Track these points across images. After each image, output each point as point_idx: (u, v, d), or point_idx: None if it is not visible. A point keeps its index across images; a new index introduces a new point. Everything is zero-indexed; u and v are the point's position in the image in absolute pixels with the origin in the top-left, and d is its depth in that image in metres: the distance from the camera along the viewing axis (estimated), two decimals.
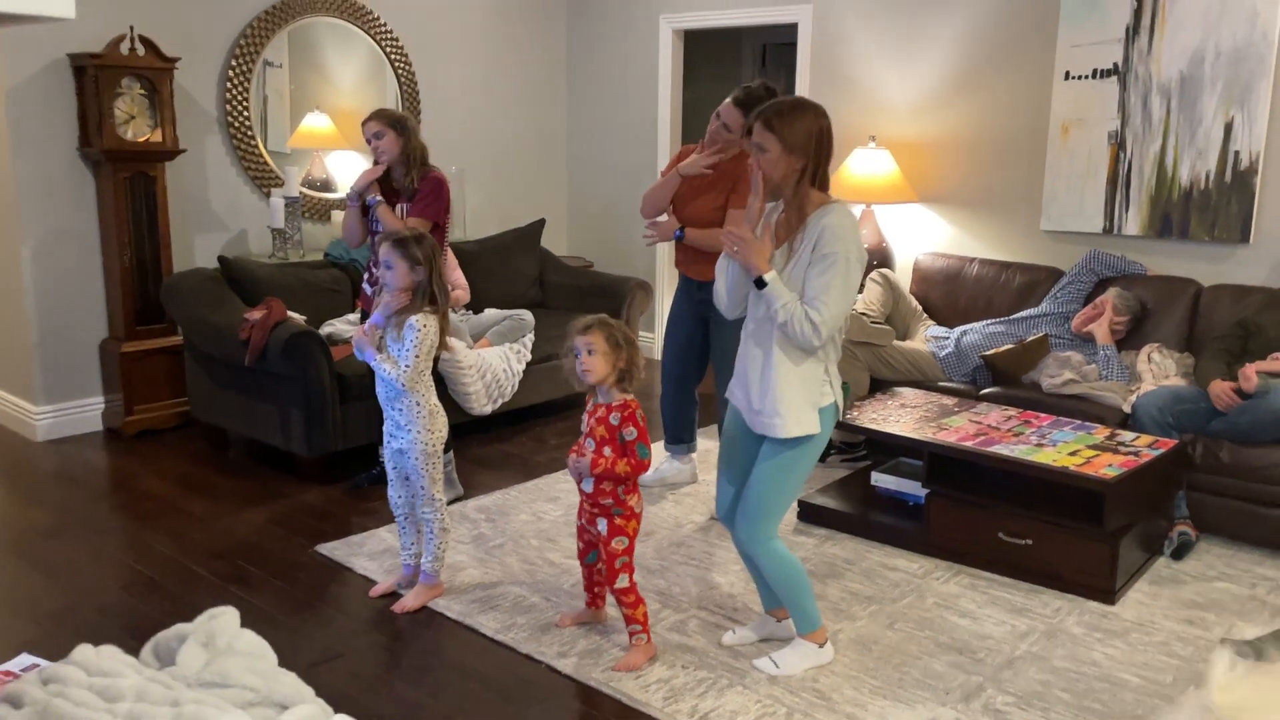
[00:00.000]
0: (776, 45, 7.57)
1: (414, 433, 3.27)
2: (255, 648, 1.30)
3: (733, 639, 3.15)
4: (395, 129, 3.89)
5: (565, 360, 3.04)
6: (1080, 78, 4.91)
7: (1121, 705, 2.84)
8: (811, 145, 2.67)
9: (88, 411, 5.14)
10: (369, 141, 3.94)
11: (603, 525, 3.01)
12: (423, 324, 3.19)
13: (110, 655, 1.24)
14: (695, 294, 4.18)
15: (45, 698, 1.10)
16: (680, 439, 4.43)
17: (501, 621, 3.27)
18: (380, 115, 3.93)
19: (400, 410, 3.27)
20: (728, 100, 3.86)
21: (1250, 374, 3.83)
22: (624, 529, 3.00)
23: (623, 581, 3.00)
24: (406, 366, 3.18)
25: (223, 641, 1.28)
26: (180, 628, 1.34)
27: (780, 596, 2.96)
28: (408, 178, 3.98)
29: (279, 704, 1.25)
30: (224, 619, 1.34)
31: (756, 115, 2.69)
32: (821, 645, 3.00)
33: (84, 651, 1.24)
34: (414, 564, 3.46)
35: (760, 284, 2.70)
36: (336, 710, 1.36)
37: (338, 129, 5.90)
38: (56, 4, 1.20)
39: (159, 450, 4.90)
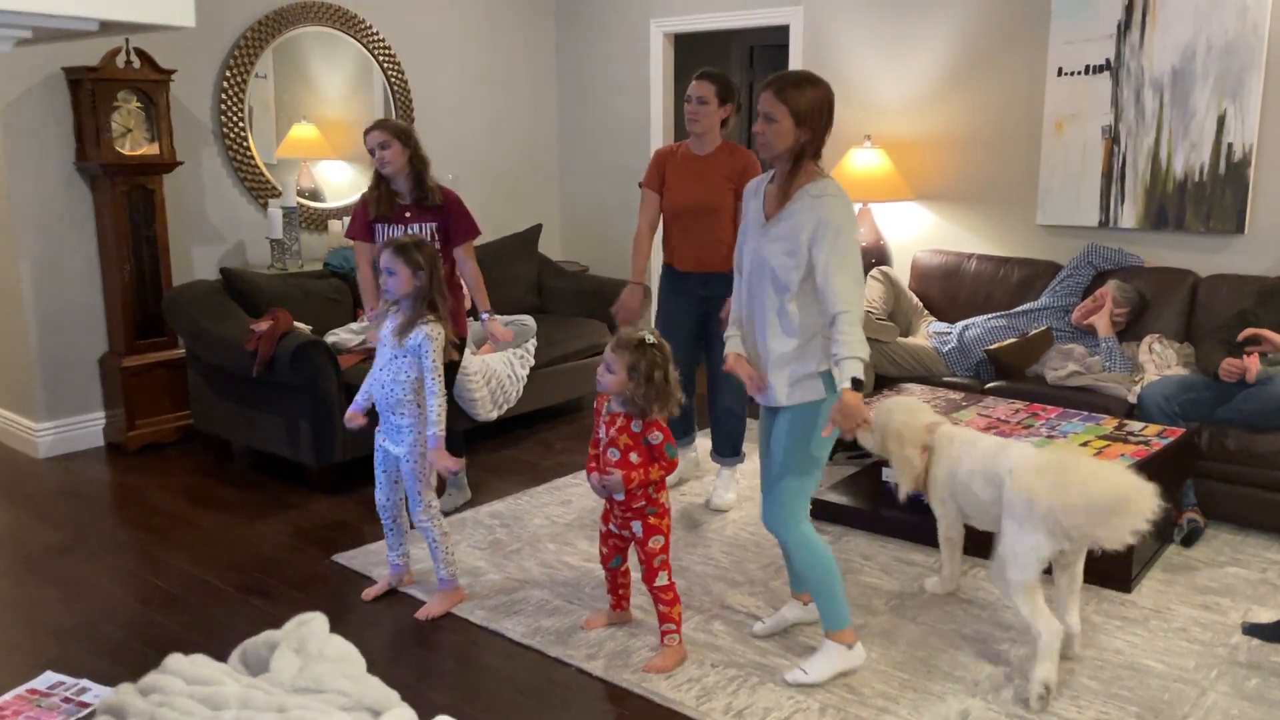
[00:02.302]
0: (764, 47, 7.61)
1: (416, 434, 3.28)
2: (346, 653, 1.31)
3: (763, 628, 3.18)
4: (400, 140, 3.84)
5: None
6: (1073, 73, 4.97)
7: (1148, 691, 2.88)
8: (820, 118, 2.74)
9: (89, 427, 5.10)
10: (372, 152, 3.88)
11: (638, 527, 3.03)
12: (435, 333, 3.22)
13: (204, 663, 1.24)
14: (697, 290, 4.13)
15: (149, 708, 1.10)
16: (686, 431, 4.41)
17: (527, 625, 3.27)
18: (385, 126, 3.87)
19: (403, 415, 3.28)
20: (694, 79, 4.03)
21: (1253, 365, 3.87)
22: (659, 527, 3.02)
23: (662, 579, 3.03)
24: (436, 378, 3.20)
25: (314, 647, 1.29)
26: (269, 634, 1.34)
27: (807, 586, 2.97)
28: (417, 190, 3.91)
29: (370, 708, 1.26)
30: (314, 624, 1.34)
31: (766, 85, 2.76)
32: (850, 646, 2.95)
33: (178, 661, 1.24)
34: (401, 564, 3.51)
35: (858, 386, 2.69)
36: None
37: (325, 138, 5.88)
38: (178, 13, 1.20)
39: (163, 464, 4.87)
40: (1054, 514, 2.72)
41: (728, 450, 4.27)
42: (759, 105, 2.76)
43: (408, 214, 3.94)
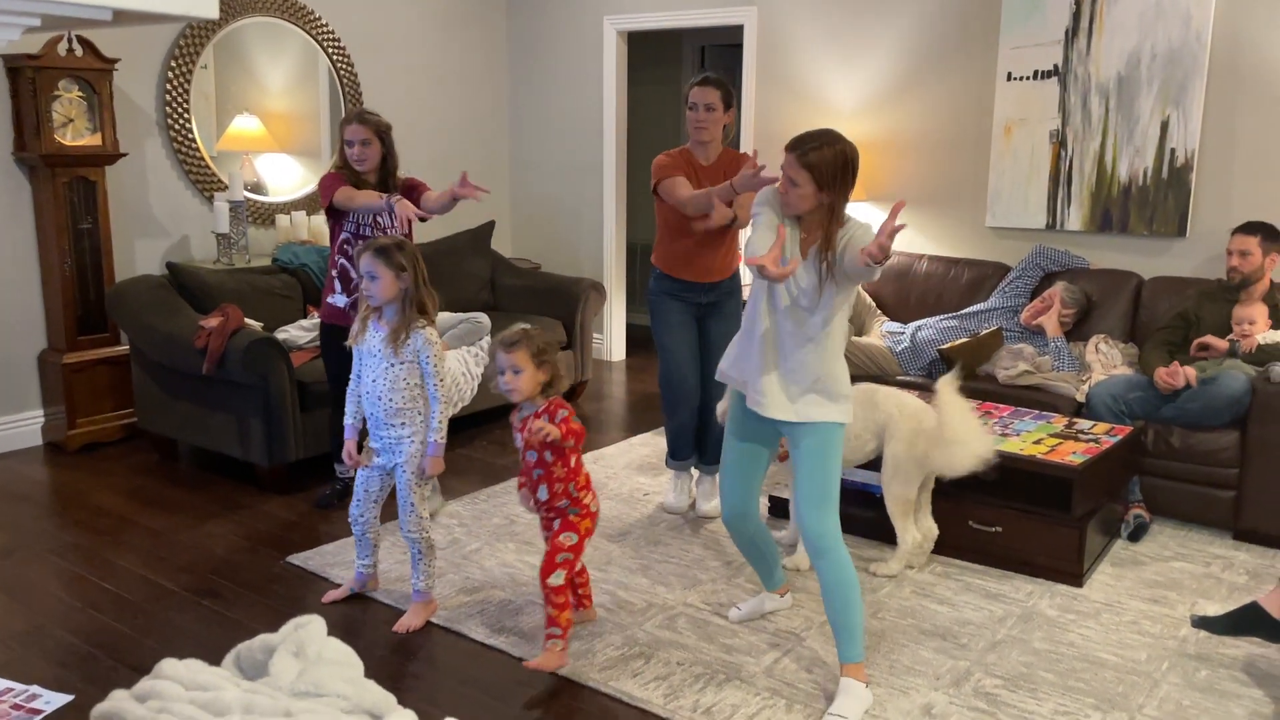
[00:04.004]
0: (715, 46, 7.64)
1: (415, 445, 3.20)
2: (344, 656, 1.29)
3: (739, 615, 3.29)
4: (380, 139, 3.79)
5: (492, 376, 3.03)
6: (1022, 79, 5.07)
7: (1103, 683, 2.95)
8: (843, 179, 2.71)
9: (26, 426, 4.95)
10: (350, 144, 3.80)
11: (557, 524, 3.01)
12: (433, 337, 3.16)
13: (199, 668, 1.21)
14: (699, 297, 4.01)
15: (149, 714, 1.06)
16: (692, 452, 4.26)
17: (490, 626, 3.24)
18: (367, 122, 3.80)
19: (403, 425, 3.18)
20: (696, 85, 3.88)
21: (1191, 373, 3.98)
22: (575, 525, 2.99)
23: (557, 578, 2.94)
24: (440, 381, 3.15)
25: (313, 650, 1.26)
26: (266, 638, 1.31)
27: (830, 610, 2.82)
28: (380, 187, 3.87)
29: (370, 711, 1.24)
30: (311, 628, 1.32)
31: (790, 146, 2.72)
32: (865, 685, 2.83)
33: (172, 665, 1.20)
34: (367, 572, 3.43)
35: None
36: None
37: (269, 131, 5.76)
38: (199, 4, 1.16)
39: (106, 464, 4.74)
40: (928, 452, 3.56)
41: (713, 458, 4.22)
42: (784, 164, 2.73)
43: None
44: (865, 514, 3.97)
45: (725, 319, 4.03)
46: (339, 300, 4.02)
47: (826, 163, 2.68)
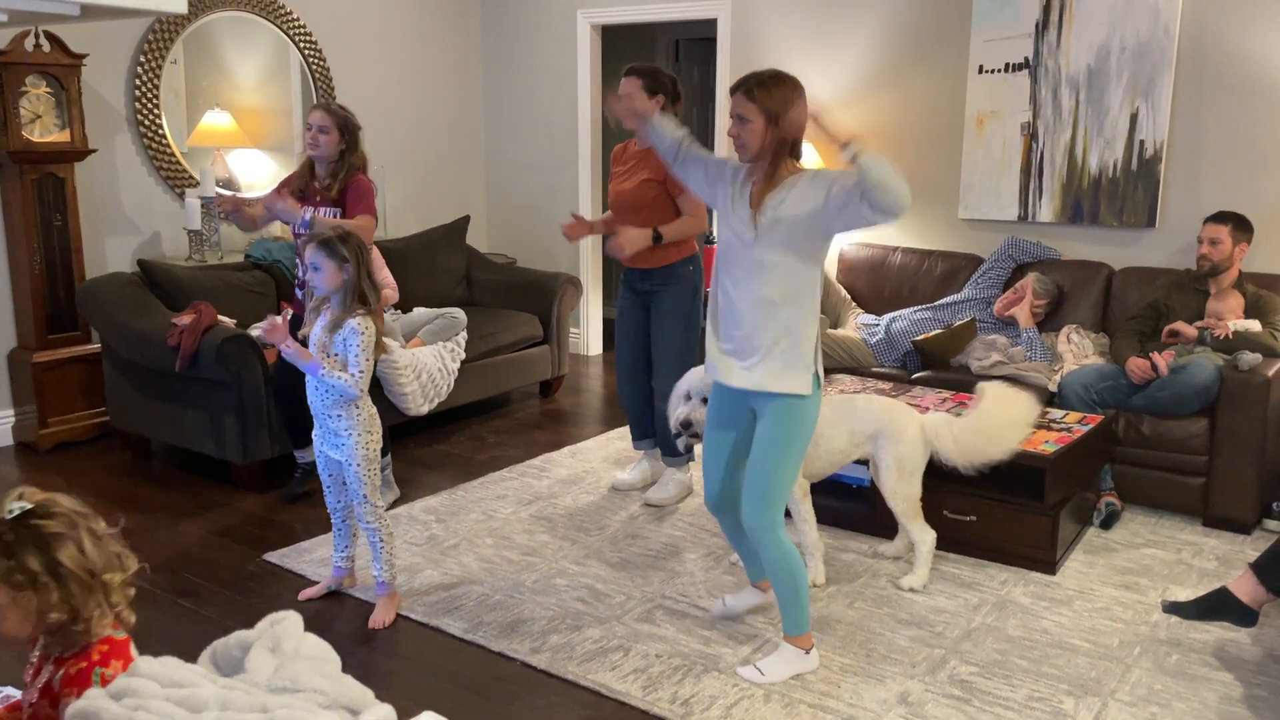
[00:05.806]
0: (689, 40, 7.64)
1: (354, 438, 3.18)
2: (321, 652, 1.29)
3: (721, 609, 3.25)
4: (341, 131, 3.78)
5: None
6: (993, 71, 5.11)
7: (1076, 669, 2.99)
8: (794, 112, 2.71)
9: None
10: (309, 129, 3.81)
11: None
12: (364, 326, 3.11)
13: (175, 665, 1.20)
14: (637, 284, 4.20)
15: (125, 713, 1.06)
16: (647, 433, 4.38)
17: (468, 621, 3.24)
18: (331, 112, 3.81)
19: (339, 418, 3.17)
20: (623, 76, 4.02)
21: (1160, 361, 4.04)
22: None
23: None
24: (359, 373, 3.11)
25: (289, 646, 1.26)
26: (241, 635, 1.31)
27: (776, 591, 2.91)
28: (331, 180, 3.86)
29: (347, 707, 1.24)
30: (288, 623, 1.32)
31: (736, 86, 2.72)
32: (807, 651, 2.94)
33: (148, 663, 1.20)
34: (345, 566, 3.43)
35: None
36: None
37: (240, 126, 5.71)
38: (169, 0, 1.15)
39: (79, 463, 4.70)
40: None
41: (667, 449, 4.25)
42: (731, 107, 2.73)
43: (318, 198, 3.90)
44: (846, 506, 4.00)
45: (659, 315, 4.14)
46: (299, 292, 4.07)
47: (773, 94, 2.69)
